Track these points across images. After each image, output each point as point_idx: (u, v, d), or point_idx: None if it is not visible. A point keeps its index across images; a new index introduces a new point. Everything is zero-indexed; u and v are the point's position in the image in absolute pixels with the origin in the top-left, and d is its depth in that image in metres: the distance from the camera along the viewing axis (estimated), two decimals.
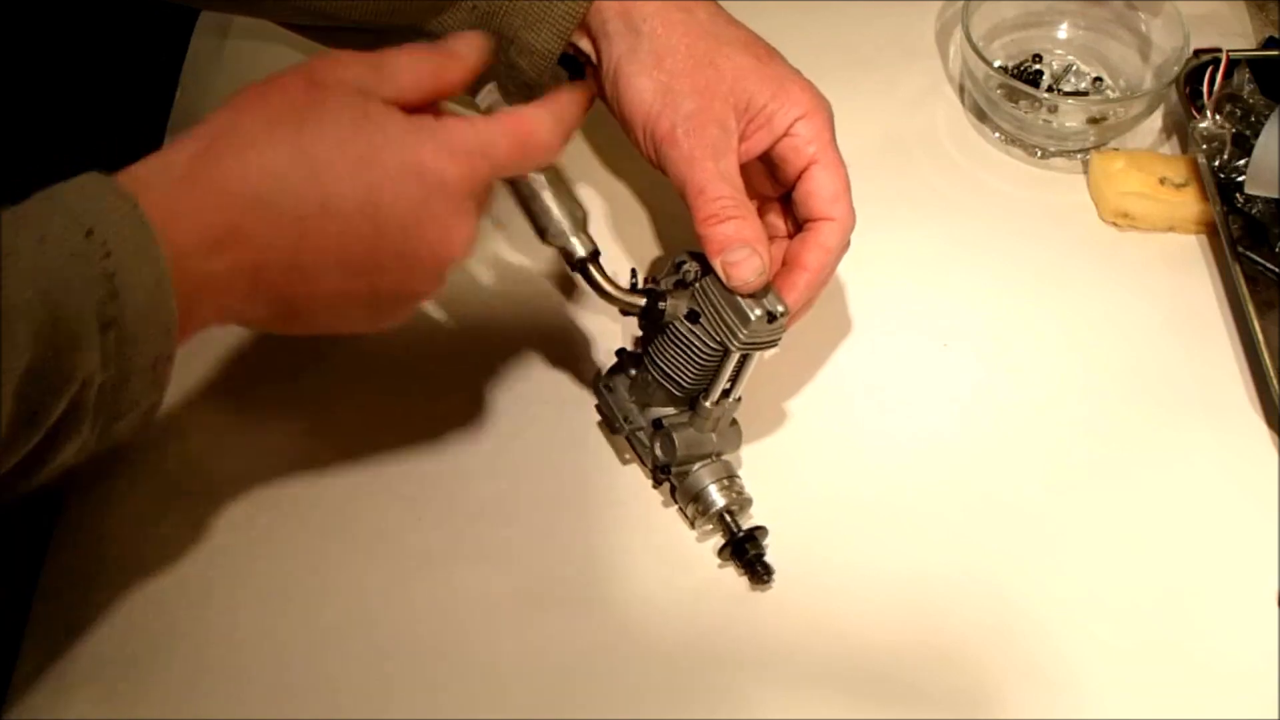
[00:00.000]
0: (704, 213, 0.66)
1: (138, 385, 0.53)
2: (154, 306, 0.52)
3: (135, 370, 0.52)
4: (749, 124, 0.68)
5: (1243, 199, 0.81)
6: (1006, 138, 0.88)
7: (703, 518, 0.69)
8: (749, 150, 0.69)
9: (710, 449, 0.69)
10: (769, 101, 0.68)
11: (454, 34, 0.63)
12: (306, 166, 0.55)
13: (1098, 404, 0.76)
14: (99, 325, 0.50)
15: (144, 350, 0.52)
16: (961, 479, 0.73)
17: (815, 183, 0.69)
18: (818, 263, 0.68)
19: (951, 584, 0.69)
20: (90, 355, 0.50)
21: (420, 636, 0.67)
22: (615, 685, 0.66)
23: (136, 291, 0.51)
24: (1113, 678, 0.66)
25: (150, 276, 0.51)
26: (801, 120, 0.68)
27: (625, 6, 0.69)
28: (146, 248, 0.51)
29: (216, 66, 0.90)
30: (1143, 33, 0.89)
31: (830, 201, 0.68)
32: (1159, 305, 0.80)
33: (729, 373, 0.67)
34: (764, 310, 0.64)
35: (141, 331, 0.52)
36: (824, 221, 0.68)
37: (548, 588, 0.69)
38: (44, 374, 0.49)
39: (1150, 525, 0.72)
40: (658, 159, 0.68)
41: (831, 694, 0.66)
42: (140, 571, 0.68)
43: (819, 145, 0.68)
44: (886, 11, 0.94)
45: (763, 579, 0.68)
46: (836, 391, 0.76)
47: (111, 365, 0.51)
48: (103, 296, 0.50)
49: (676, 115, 0.67)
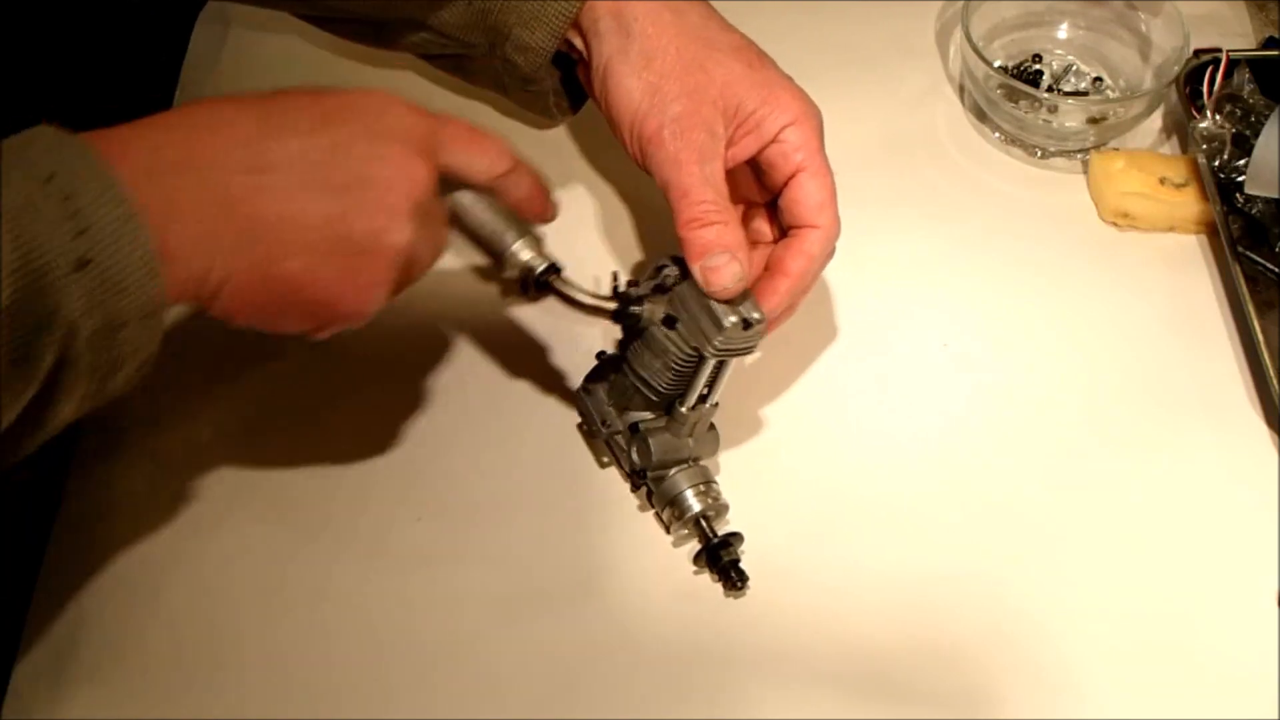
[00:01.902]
0: (686, 216, 0.65)
1: (130, 335, 0.53)
2: (126, 239, 0.52)
3: (124, 317, 0.52)
4: (737, 129, 0.68)
5: (1243, 199, 0.81)
6: (1006, 138, 0.88)
7: (678, 522, 0.68)
8: (736, 155, 0.68)
9: (687, 454, 0.69)
10: (758, 107, 0.68)
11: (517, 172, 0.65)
12: (261, 96, 0.58)
13: (1097, 404, 0.76)
14: (73, 262, 0.50)
15: (130, 295, 0.52)
16: (961, 479, 0.73)
17: (802, 190, 0.68)
18: (800, 269, 0.68)
19: (951, 584, 0.69)
20: (69, 296, 0.50)
21: (411, 637, 0.67)
22: (604, 684, 0.66)
23: (104, 226, 0.51)
24: (1113, 678, 0.66)
25: (116, 211, 0.51)
26: (790, 127, 0.68)
27: (617, 6, 0.69)
28: (108, 186, 0.51)
29: (218, 58, 0.90)
30: (1143, 33, 0.89)
31: (816, 209, 0.68)
32: (1159, 305, 0.80)
33: (705, 378, 0.66)
34: (740, 317, 0.64)
35: (121, 270, 0.52)
36: (809, 229, 0.68)
37: (528, 589, 0.69)
38: (25, 313, 0.49)
39: (1150, 525, 0.72)
40: (643, 159, 0.68)
41: (828, 694, 0.66)
42: (140, 571, 0.68)
43: (807, 152, 0.68)
44: (886, 11, 0.94)
45: (736, 585, 0.68)
46: (836, 391, 0.76)
47: (97, 311, 0.51)
48: (69, 232, 0.50)
49: (664, 117, 0.67)
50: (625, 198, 0.83)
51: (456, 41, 0.73)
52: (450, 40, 0.73)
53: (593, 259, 0.64)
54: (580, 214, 0.82)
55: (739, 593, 0.68)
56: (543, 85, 0.74)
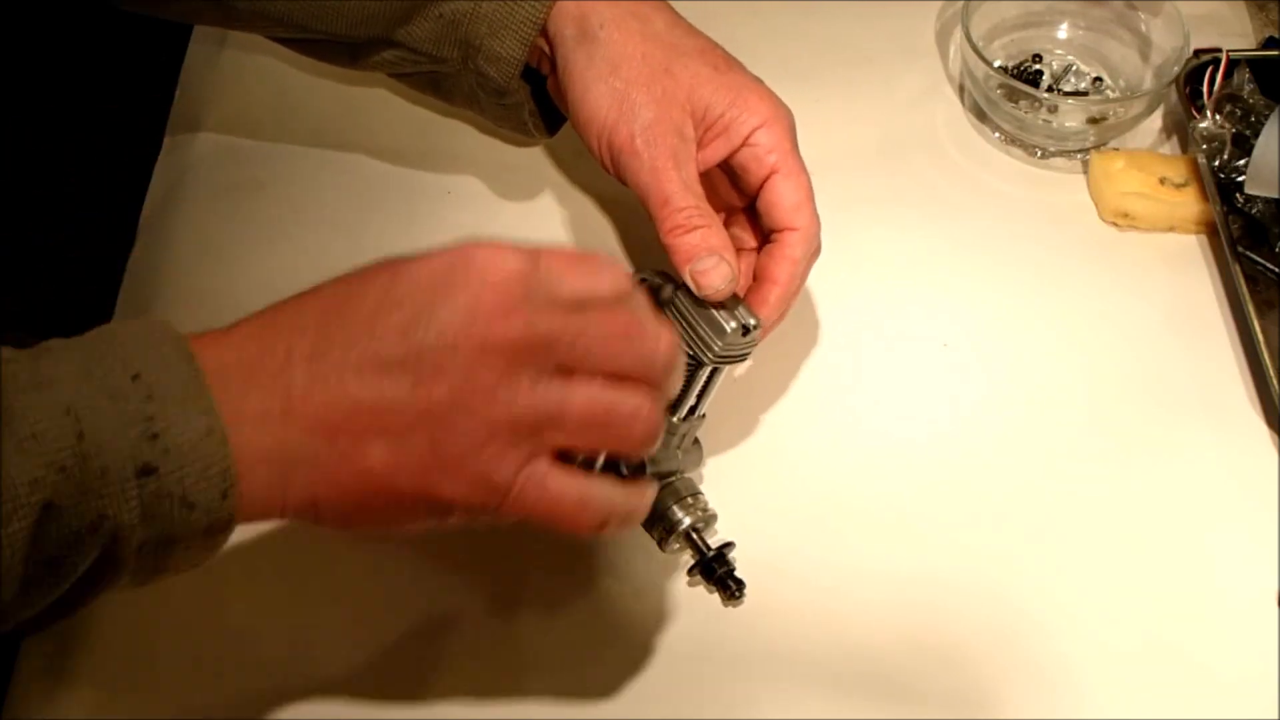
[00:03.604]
0: (669, 223, 0.65)
1: (187, 552, 0.49)
2: (201, 457, 0.47)
3: (184, 534, 0.48)
4: (706, 132, 0.68)
5: (1243, 199, 0.81)
6: (1006, 138, 0.88)
7: (669, 538, 0.68)
8: (707, 159, 0.68)
9: (676, 466, 0.68)
10: (726, 109, 0.68)
11: None
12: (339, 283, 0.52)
13: (1097, 404, 0.76)
14: (135, 469, 0.46)
15: (197, 512, 0.48)
16: (960, 478, 0.73)
17: (777, 192, 0.68)
18: (786, 275, 0.68)
19: (951, 584, 0.69)
20: (122, 502, 0.47)
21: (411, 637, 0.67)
22: (604, 685, 0.66)
23: (180, 437, 0.47)
24: (1112, 678, 0.66)
25: (198, 426, 0.47)
26: (761, 129, 0.68)
27: (582, 11, 0.68)
28: (196, 396, 0.48)
29: (218, 58, 0.90)
30: (1143, 33, 0.89)
31: (793, 211, 0.68)
32: (1159, 305, 0.80)
33: (698, 387, 0.66)
34: (738, 323, 0.64)
35: (192, 485, 0.47)
36: (788, 232, 0.68)
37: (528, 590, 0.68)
38: (65, 514, 0.46)
39: (1150, 525, 0.72)
40: (615, 168, 0.68)
41: (828, 694, 0.66)
42: None
43: (779, 154, 0.68)
44: (886, 11, 0.94)
45: (734, 595, 0.68)
46: (835, 391, 0.76)
47: (155, 523, 0.47)
48: (136, 438, 0.47)
49: (635, 125, 0.67)
50: (602, 209, 0.83)
51: (428, 58, 0.72)
52: (422, 56, 0.72)
53: None
54: (554, 227, 0.82)
55: (737, 601, 0.68)
56: (515, 98, 0.73)
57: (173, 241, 0.81)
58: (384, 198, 0.83)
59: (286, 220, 0.82)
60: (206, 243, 0.81)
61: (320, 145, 0.86)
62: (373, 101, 0.87)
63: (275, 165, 0.85)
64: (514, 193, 0.83)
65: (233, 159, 0.85)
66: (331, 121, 0.87)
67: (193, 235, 0.81)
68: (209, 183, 0.84)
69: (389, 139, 0.86)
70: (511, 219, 0.82)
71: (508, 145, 0.84)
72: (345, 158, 0.85)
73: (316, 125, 0.87)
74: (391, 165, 0.85)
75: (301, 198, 0.84)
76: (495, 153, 0.85)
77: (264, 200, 0.83)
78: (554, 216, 0.82)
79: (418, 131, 0.86)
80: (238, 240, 0.81)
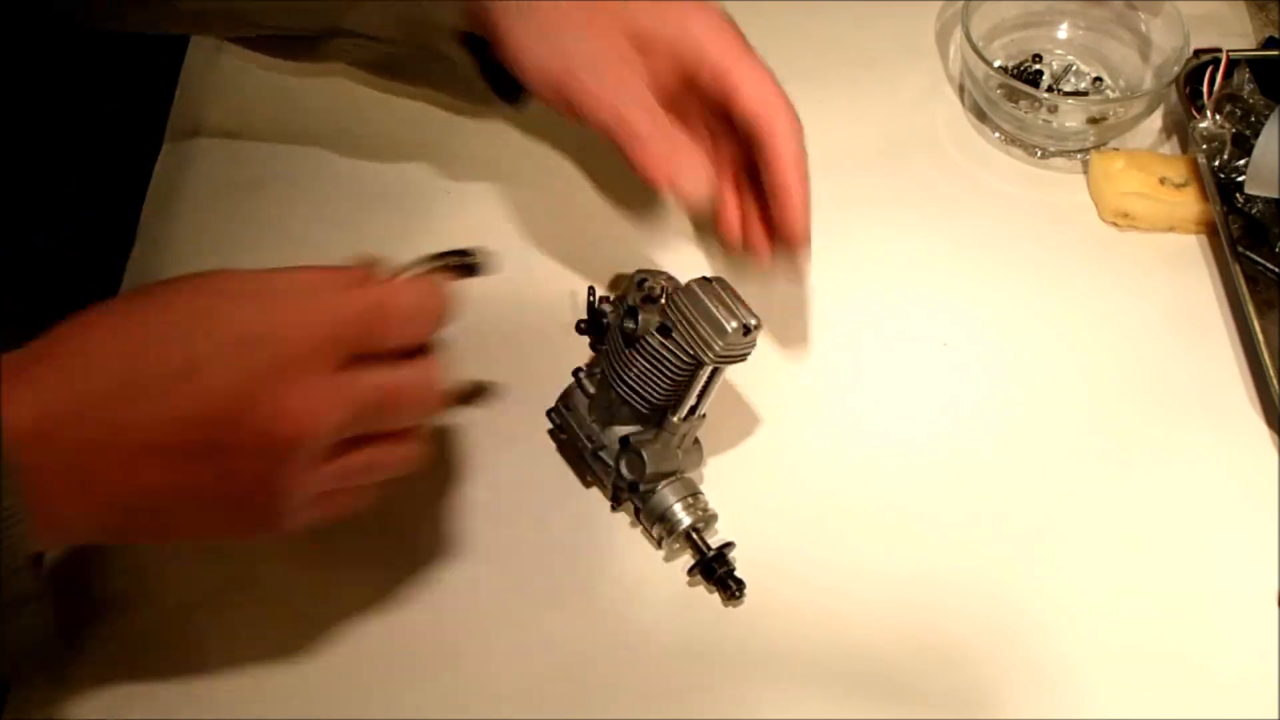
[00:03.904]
0: (633, 147, 0.65)
1: None
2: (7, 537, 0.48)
3: None
4: (653, 58, 0.68)
5: (1243, 199, 0.81)
6: (1006, 138, 0.88)
7: (669, 538, 0.68)
8: (665, 87, 0.68)
9: (676, 466, 0.68)
10: (664, 27, 0.67)
11: None
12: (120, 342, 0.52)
13: (1097, 404, 0.76)
14: None
15: None
16: (960, 478, 0.73)
17: (740, 93, 0.67)
18: (791, 175, 0.67)
19: (951, 585, 0.69)
20: None
21: (411, 638, 0.67)
22: (604, 686, 0.66)
23: None
24: (1112, 678, 0.66)
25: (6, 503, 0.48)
26: (707, 41, 0.67)
27: None
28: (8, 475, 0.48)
29: (218, 58, 0.90)
30: (1143, 33, 0.89)
31: (762, 102, 0.67)
32: (1159, 305, 0.80)
33: (699, 387, 0.66)
34: (739, 323, 0.64)
35: None
36: (766, 126, 0.67)
37: (528, 592, 0.68)
38: None
39: (1150, 525, 0.72)
40: (569, 109, 0.67)
41: (828, 694, 0.66)
42: (140, 570, 0.68)
43: (730, 56, 0.67)
44: (886, 11, 0.94)
45: (735, 595, 0.68)
46: (835, 391, 0.76)
47: None
48: None
49: (578, 63, 0.66)
50: (603, 210, 0.83)
51: (378, 41, 0.72)
52: (373, 41, 0.72)
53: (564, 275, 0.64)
54: (543, 231, 0.82)
55: (737, 601, 0.68)
56: (466, 70, 0.73)
57: (173, 241, 0.81)
58: (384, 197, 0.83)
59: (286, 220, 0.83)
60: (206, 243, 0.81)
61: (320, 145, 0.86)
62: (373, 101, 0.87)
63: (275, 165, 0.85)
64: (513, 192, 0.83)
65: (233, 159, 0.85)
66: (331, 121, 0.87)
67: (193, 235, 0.82)
68: (209, 183, 0.84)
69: (389, 139, 0.86)
70: (511, 218, 0.82)
71: (507, 145, 0.84)
72: (345, 157, 0.85)
73: (316, 125, 0.87)
74: (391, 165, 0.85)
75: (301, 198, 0.84)
76: (495, 152, 0.85)
77: (264, 200, 0.84)
78: (553, 216, 0.82)
79: (418, 131, 0.86)
80: (238, 240, 0.81)
